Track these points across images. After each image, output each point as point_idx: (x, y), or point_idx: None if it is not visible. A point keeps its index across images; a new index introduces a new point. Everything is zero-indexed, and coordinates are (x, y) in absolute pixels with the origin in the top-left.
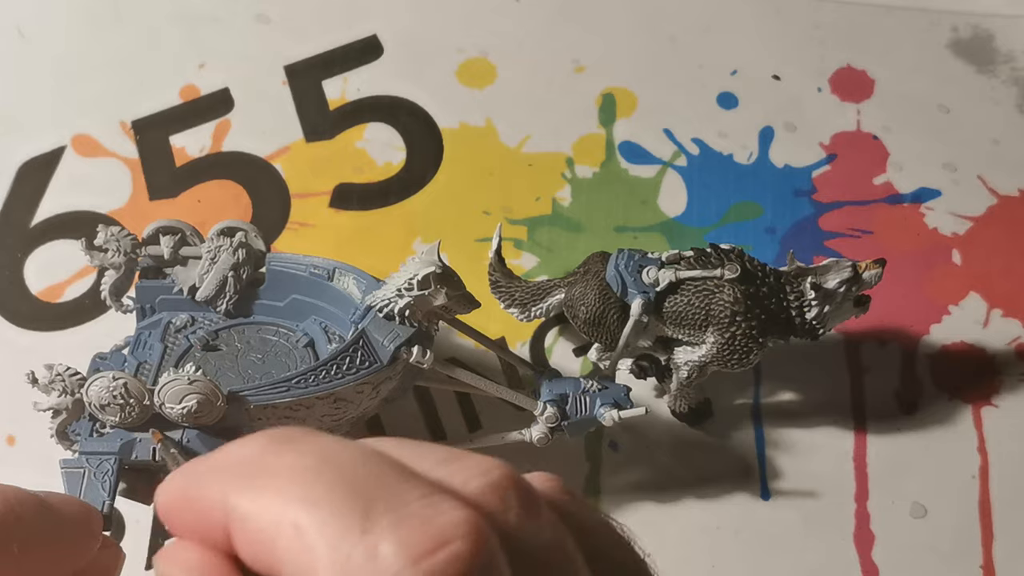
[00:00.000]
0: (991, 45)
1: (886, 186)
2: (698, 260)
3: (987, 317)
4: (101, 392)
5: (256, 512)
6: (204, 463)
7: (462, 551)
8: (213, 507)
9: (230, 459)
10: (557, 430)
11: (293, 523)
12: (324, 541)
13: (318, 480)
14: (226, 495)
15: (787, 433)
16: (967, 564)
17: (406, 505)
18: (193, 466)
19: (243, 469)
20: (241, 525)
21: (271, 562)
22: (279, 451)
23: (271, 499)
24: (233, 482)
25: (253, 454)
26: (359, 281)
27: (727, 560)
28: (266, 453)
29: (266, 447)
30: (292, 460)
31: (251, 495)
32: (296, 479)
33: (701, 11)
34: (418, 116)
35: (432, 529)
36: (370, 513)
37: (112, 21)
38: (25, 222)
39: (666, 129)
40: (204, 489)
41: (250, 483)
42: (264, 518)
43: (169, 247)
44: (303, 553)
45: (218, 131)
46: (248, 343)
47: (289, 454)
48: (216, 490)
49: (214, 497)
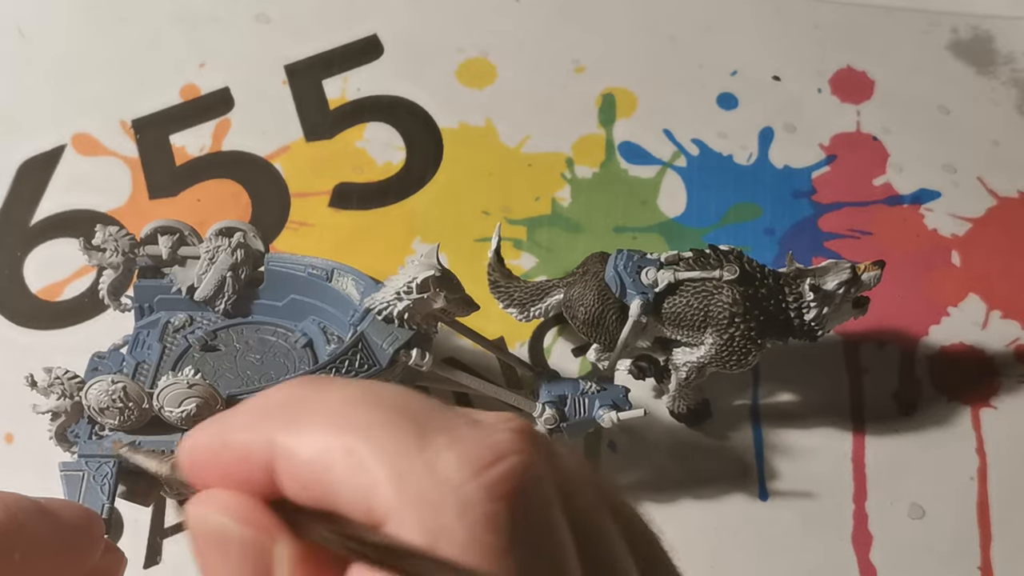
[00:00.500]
0: (991, 46)
1: (886, 187)
2: (697, 261)
3: (986, 318)
4: (100, 395)
5: (305, 445)
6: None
7: (518, 464)
8: (255, 450)
9: (268, 403)
10: (556, 431)
11: (346, 448)
12: (381, 460)
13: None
14: (269, 435)
15: (785, 434)
16: (965, 565)
17: (457, 428)
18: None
19: (284, 410)
20: (289, 461)
21: (324, 492)
22: (319, 390)
23: (320, 431)
24: (275, 422)
25: (292, 396)
26: (358, 282)
27: (726, 560)
28: (306, 393)
29: (304, 387)
30: (336, 394)
31: (298, 430)
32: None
33: (701, 11)
34: (418, 116)
35: (489, 444)
36: (425, 433)
37: (112, 21)
38: (25, 221)
39: (666, 129)
40: (243, 433)
41: (295, 420)
42: (314, 449)
43: (168, 247)
44: (360, 475)
45: (218, 130)
46: (247, 343)
47: (331, 390)
48: (257, 433)
49: (256, 439)
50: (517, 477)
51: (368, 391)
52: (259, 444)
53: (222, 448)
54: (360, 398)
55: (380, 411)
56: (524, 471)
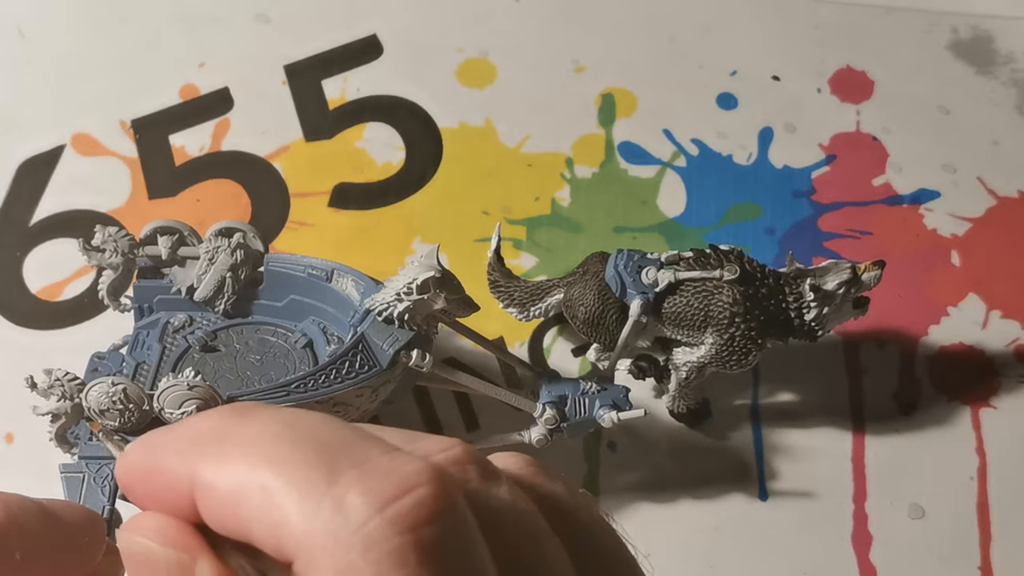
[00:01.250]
0: (991, 46)
1: (885, 187)
2: (697, 261)
3: (986, 318)
4: (100, 398)
5: (222, 478)
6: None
7: (426, 495)
8: (178, 478)
9: (192, 431)
10: (556, 432)
11: (260, 484)
12: (292, 498)
13: (282, 443)
14: (191, 465)
15: (785, 434)
16: (965, 565)
17: (369, 460)
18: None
19: (207, 439)
20: (207, 492)
21: (239, 525)
22: (241, 420)
23: (237, 464)
24: (198, 452)
25: (216, 425)
26: (358, 283)
27: (725, 561)
28: (229, 423)
29: (228, 417)
30: (256, 427)
31: (216, 462)
32: (261, 444)
33: (701, 11)
34: (418, 116)
35: (396, 477)
36: (335, 468)
37: (112, 21)
38: (24, 221)
39: (665, 129)
40: (167, 460)
41: (215, 451)
42: (231, 483)
43: (167, 247)
44: (272, 512)
45: (218, 130)
46: (246, 344)
47: (252, 422)
48: (180, 461)
49: (178, 468)
50: (424, 510)
51: (287, 424)
52: (182, 473)
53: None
54: (278, 432)
55: (295, 446)
56: (433, 503)
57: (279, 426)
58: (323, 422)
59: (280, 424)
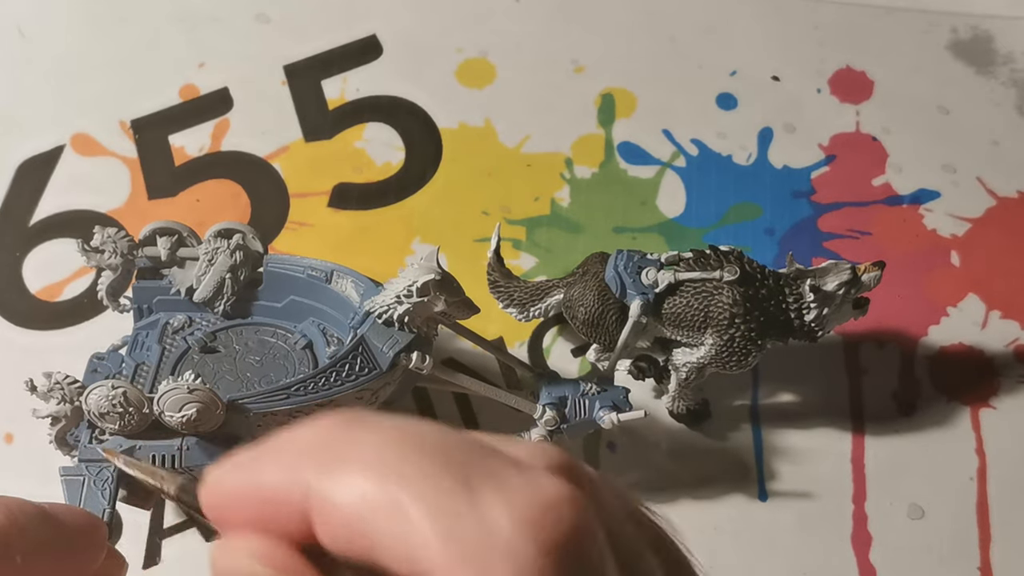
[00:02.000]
0: (990, 46)
1: (885, 187)
2: (697, 261)
3: (985, 319)
4: (100, 401)
5: (346, 493)
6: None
7: (569, 516)
8: (289, 494)
9: (301, 443)
10: (556, 433)
11: (389, 498)
12: (427, 513)
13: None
14: (306, 480)
15: (785, 434)
16: (965, 565)
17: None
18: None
19: (320, 452)
20: (327, 509)
21: (366, 543)
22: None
23: (359, 476)
24: (312, 465)
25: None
26: (357, 284)
27: (725, 561)
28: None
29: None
30: (372, 438)
31: (336, 477)
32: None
33: (701, 12)
34: (417, 116)
35: (539, 494)
36: (471, 484)
37: (112, 21)
38: (24, 221)
39: (665, 130)
40: (276, 475)
41: (332, 465)
42: (354, 496)
43: (166, 248)
44: (403, 527)
45: (217, 131)
46: (246, 345)
47: (367, 432)
48: (291, 476)
49: (289, 483)
50: (568, 529)
51: (407, 433)
52: (294, 487)
53: (254, 489)
54: (399, 440)
55: (422, 456)
56: (575, 522)
57: (398, 435)
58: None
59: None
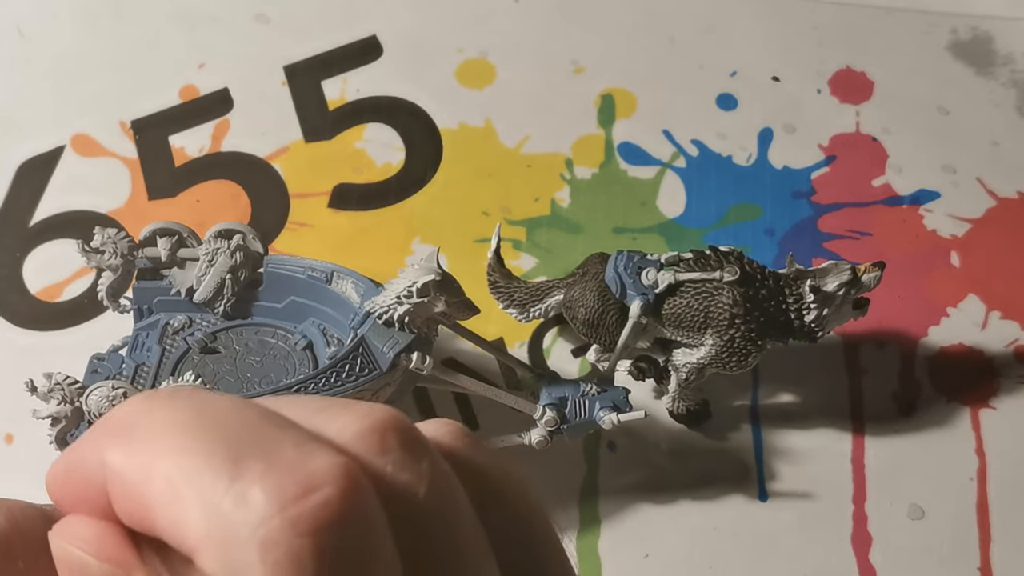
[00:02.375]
0: (990, 47)
1: (885, 188)
2: (697, 262)
3: (985, 319)
4: (101, 401)
5: (128, 465)
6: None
7: (331, 496)
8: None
9: (108, 421)
10: (556, 433)
11: (164, 474)
12: (194, 490)
13: (190, 431)
14: (104, 452)
15: (785, 435)
16: (965, 566)
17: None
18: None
19: (120, 427)
20: (115, 481)
21: (144, 516)
22: (155, 407)
23: (144, 452)
24: (109, 440)
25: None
26: (357, 285)
27: (724, 561)
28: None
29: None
30: (166, 415)
31: (125, 450)
32: (169, 431)
33: (701, 12)
34: (417, 116)
35: (301, 475)
36: (240, 461)
37: (112, 21)
38: (24, 222)
39: (665, 130)
40: (83, 452)
41: (125, 438)
42: (136, 471)
43: (166, 249)
44: (175, 503)
45: (217, 131)
46: (246, 345)
47: (164, 409)
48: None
49: (93, 458)
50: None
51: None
52: (95, 463)
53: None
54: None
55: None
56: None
57: (190, 412)
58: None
59: (192, 411)
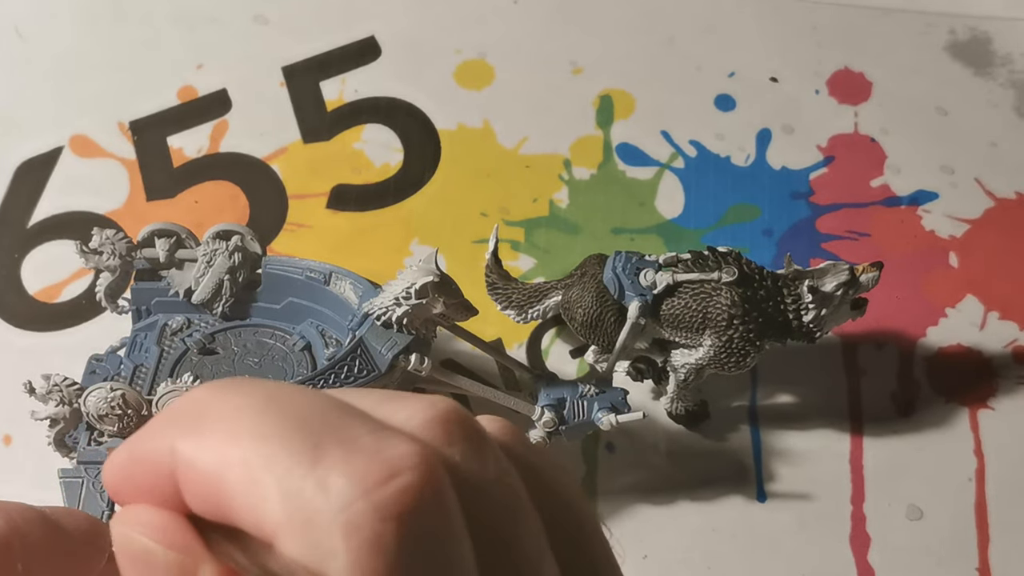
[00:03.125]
0: (989, 48)
1: (883, 188)
2: (695, 263)
3: (984, 319)
4: (99, 403)
5: (202, 453)
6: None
7: (412, 482)
8: (160, 459)
9: (175, 410)
10: (555, 434)
11: (241, 459)
12: (274, 475)
13: (265, 418)
14: (172, 442)
15: (783, 435)
16: (963, 566)
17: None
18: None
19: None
20: (188, 470)
21: (220, 503)
22: (224, 396)
23: (218, 439)
24: (178, 429)
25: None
26: (355, 286)
27: (723, 562)
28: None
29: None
30: (238, 401)
31: (196, 438)
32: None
33: (699, 13)
34: (416, 117)
35: (382, 460)
36: (319, 446)
37: (110, 21)
38: (22, 222)
39: (664, 131)
40: (149, 443)
41: (193, 427)
42: (211, 458)
43: (165, 250)
44: (253, 489)
45: (216, 132)
46: (245, 346)
47: (235, 397)
48: (162, 441)
49: (159, 447)
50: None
51: (272, 397)
52: (162, 452)
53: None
54: (261, 406)
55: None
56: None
57: (262, 399)
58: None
59: (263, 397)
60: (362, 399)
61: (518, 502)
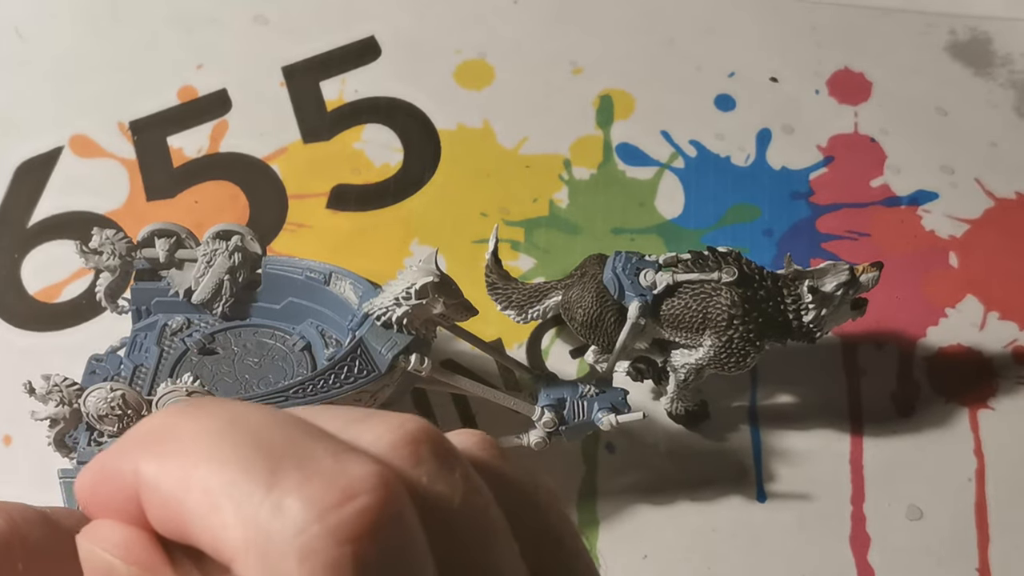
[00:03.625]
0: (989, 48)
1: (883, 188)
2: (695, 263)
3: (984, 320)
4: (99, 403)
5: (164, 477)
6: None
7: (369, 504)
8: (125, 479)
9: (141, 430)
10: (554, 434)
11: (201, 484)
12: (232, 500)
13: (225, 441)
14: (136, 462)
15: (783, 435)
16: (963, 566)
17: (314, 462)
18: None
19: (153, 438)
20: (150, 492)
21: (180, 525)
22: (188, 417)
23: (179, 463)
24: (142, 450)
25: (163, 422)
26: (356, 286)
27: (723, 562)
28: (175, 420)
29: (175, 415)
30: (200, 424)
31: (159, 461)
32: (204, 441)
33: (699, 13)
34: (416, 117)
35: (339, 483)
36: (277, 471)
37: (110, 22)
38: (22, 222)
39: (663, 131)
40: (116, 462)
41: (158, 449)
42: (172, 482)
43: (165, 250)
44: (212, 513)
45: (216, 132)
46: (244, 346)
47: (198, 419)
48: (126, 460)
49: (126, 468)
50: (367, 518)
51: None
52: (127, 473)
53: (101, 477)
54: (223, 429)
55: (239, 444)
56: (377, 511)
57: (225, 422)
58: (271, 419)
59: (226, 420)
60: (331, 420)
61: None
